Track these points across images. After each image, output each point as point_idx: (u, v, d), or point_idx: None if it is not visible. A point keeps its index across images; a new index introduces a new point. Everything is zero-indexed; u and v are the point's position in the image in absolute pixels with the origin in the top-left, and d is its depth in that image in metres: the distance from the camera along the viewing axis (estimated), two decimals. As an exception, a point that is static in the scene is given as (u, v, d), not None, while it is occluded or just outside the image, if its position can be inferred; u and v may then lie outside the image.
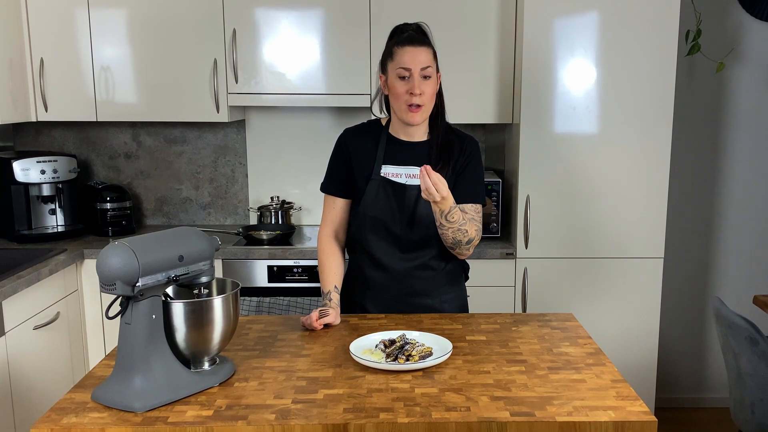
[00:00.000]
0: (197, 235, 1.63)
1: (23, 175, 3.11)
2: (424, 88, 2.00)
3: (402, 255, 2.11)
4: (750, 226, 3.65)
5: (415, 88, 1.99)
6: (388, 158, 2.12)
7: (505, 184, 3.29)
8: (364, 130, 2.20)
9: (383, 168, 2.11)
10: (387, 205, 2.09)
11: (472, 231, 2.05)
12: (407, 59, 2.00)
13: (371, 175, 2.11)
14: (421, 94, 1.99)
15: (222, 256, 3.03)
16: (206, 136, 3.53)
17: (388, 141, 2.13)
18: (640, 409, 1.50)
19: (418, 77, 1.99)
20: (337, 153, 2.19)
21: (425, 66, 2.00)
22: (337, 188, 2.18)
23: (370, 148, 2.13)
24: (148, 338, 1.51)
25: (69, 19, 3.10)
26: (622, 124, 2.95)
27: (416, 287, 2.15)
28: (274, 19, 3.11)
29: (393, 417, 1.46)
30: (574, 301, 3.03)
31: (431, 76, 2.02)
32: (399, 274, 2.13)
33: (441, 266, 2.16)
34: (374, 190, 2.10)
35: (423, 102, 2.01)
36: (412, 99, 2.00)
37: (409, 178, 2.09)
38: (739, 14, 3.46)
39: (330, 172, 2.20)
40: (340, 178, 2.17)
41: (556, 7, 2.88)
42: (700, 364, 3.78)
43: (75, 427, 1.43)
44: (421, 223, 2.08)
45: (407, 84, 2.00)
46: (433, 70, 2.03)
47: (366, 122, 2.24)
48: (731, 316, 2.35)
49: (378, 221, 2.10)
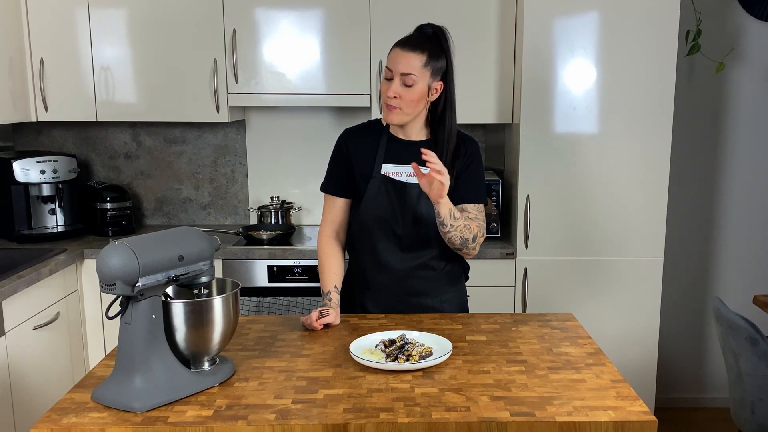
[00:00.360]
0: (197, 235, 1.63)
1: (23, 175, 3.11)
2: (401, 92, 1.99)
3: (402, 254, 2.11)
4: (750, 226, 3.65)
5: (389, 90, 2.00)
6: (388, 157, 2.12)
7: (505, 184, 3.29)
8: (364, 129, 2.20)
9: (384, 167, 2.11)
10: (388, 203, 2.09)
11: (475, 227, 2.06)
12: (392, 61, 2.02)
13: (372, 174, 2.10)
14: (395, 97, 1.99)
15: (222, 256, 3.03)
16: (206, 136, 3.53)
17: (388, 140, 2.13)
18: (640, 409, 1.50)
19: (397, 81, 1.99)
20: (337, 153, 2.19)
21: (405, 73, 1.98)
22: (338, 188, 2.18)
23: (371, 148, 2.13)
24: (148, 338, 1.51)
25: (69, 19, 3.10)
26: (622, 124, 2.95)
27: (416, 287, 2.15)
28: (274, 19, 3.11)
29: (393, 417, 1.46)
30: (574, 301, 3.03)
31: (412, 84, 1.99)
32: (399, 274, 2.13)
33: (441, 266, 2.16)
34: (375, 188, 2.09)
35: (399, 105, 2.00)
36: (388, 99, 2.01)
37: (409, 176, 2.09)
38: (739, 14, 3.46)
39: (330, 172, 2.20)
40: (340, 178, 2.17)
41: (556, 7, 2.88)
42: (700, 364, 3.78)
43: (75, 427, 1.43)
44: (422, 222, 2.09)
45: (388, 84, 2.01)
46: (418, 78, 1.99)
47: (366, 122, 2.25)
48: (731, 316, 2.35)
49: (379, 220, 2.10)
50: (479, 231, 2.09)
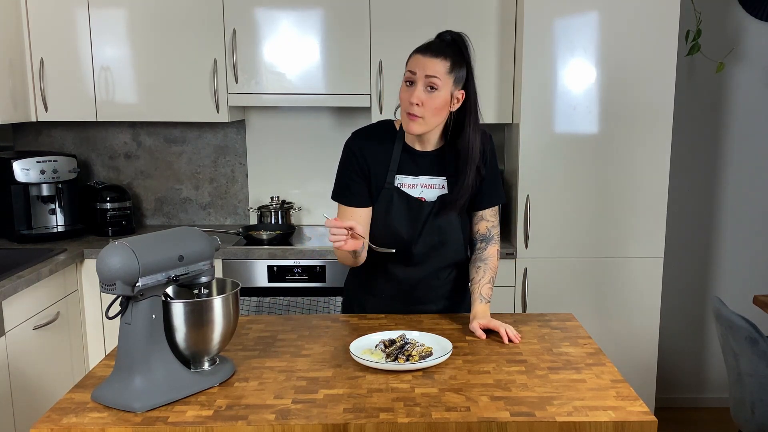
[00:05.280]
0: (197, 235, 1.63)
1: (23, 175, 3.11)
2: (425, 98, 1.87)
3: (410, 265, 2.06)
4: (750, 226, 3.65)
5: (413, 96, 1.87)
6: (402, 168, 2.00)
7: (505, 184, 3.29)
8: (375, 132, 2.06)
9: (397, 178, 2.00)
10: (399, 216, 2.00)
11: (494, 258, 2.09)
12: (415, 64, 1.88)
13: (384, 185, 2.00)
14: (419, 104, 1.87)
15: (222, 256, 3.03)
16: (206, 136, 3.53)
17: (403, 149, 2.01)
18: (640, 409, 1.50)
19: (421, 85, 1.87)
20: (351, 158, 2.02)
21: (430, 75, 1.86)
22: (356, 197, 2.01)
23: (384, 154, 2.00)
24: (148, 338, 1.51)
25: (69, 19, 3.10)
26: (622, 124, 2.95)
27: (421, 296, 2.13)
28: (274, 19, 3.11)
29: (393, 417, 1.46)
30: (574, 301, 3.03)
31: (437, 88, 1.86)
32: (405, 284, 2.10)
33: (447, 274, 2.13)
34: (386, 201, 2.00)
35: (422, 114, 1.88)
36: (410, 107, 1.88)
37: (425, 188, 2.01)
38: (739, 14, 3.46)
39: (344, 180, 2.03)
40: (357, 186, 2.01)
41: (556, 7, 2.89)
42: (700, 364, 3.78)
43: (75, 427, 1.43)
44: (433, 235, 2.03)
45: (410, 90, 1.89)
46: (442, 83, 1.87)
47: (376, 124, 2.10)
48: (731, 316, 2.35)
49: (389, 231, 2.02)
50: (497, 253, 2.11)
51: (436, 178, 2.01)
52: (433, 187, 2.01)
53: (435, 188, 2.02)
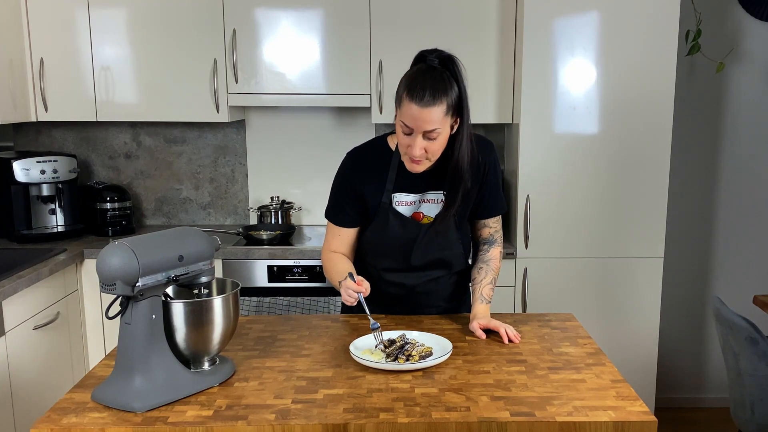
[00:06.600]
0: (197, 235, 1.63)
1: (23, 175, 3.11)
2: (427, 145, 1.83)
3: (410, 274, 2.08)
4: (750, 226, 3.65)
5: (414, 149, 1.82)
6: (399, 185, 1.98)
7: (505, 184, 3.29)
8: (370, 153, 2.03)
9: (395, 196, 1.99)
10: (395, 233, 2.00)
11: (496, 259, 2.10)
12: (410, 119, 1.80)
13: (380, 203, 1.99)
14: (420, 155, 1.83)
15: (222, 256, 3.03)
16: (206, 136, 3.53)
17: (399, 167, 1.97)
18: (640, 409, 1.50)
19: (420, 139, 1.81)
20: (344, 181, 2.02)
21: (430, 129, 1.80)
22: (345, 218, 2.04)
23: (380, 175, 1.98)
24: (148, 338, 1.51)
25: (69, 19, 3.10)
26: (622, 124, 2.95)
27: (421, 301, 2.13)
28: (274, 19, 3.11)
29: (393, 417, 1.46)
30: (574, 301, 3.03)
31: (437, 137, 1.82)
32: (405, 289, 2.10)
33: (447, 279, 2.13)
34: (383, 218, 1.99)
35: (425, 158, 1.86)
36: (412, 155, 1.84)
37: (423, 203, 2.00)
38: (739, 14, 3.46)
39: (335, 201, 2.04)
40: (346, 207, 2.02)
41: (556, 7, 2.88)
42: (700, 364, 3.78)
43: (75, 427, 1.43)
44: (431, 252, 2.03)
45: (409, 140, 1.83)
46: (441, 128, 1.81)
47: (370, 143, 2.07)
48: (731, 316, 2.35)
49: (387, 247, 2.03)
50: (500, 255, 2.11)
51: (434, 192, 2.00)
52: (432, 202, 2.01)
53: (434, 203, 2.01)
